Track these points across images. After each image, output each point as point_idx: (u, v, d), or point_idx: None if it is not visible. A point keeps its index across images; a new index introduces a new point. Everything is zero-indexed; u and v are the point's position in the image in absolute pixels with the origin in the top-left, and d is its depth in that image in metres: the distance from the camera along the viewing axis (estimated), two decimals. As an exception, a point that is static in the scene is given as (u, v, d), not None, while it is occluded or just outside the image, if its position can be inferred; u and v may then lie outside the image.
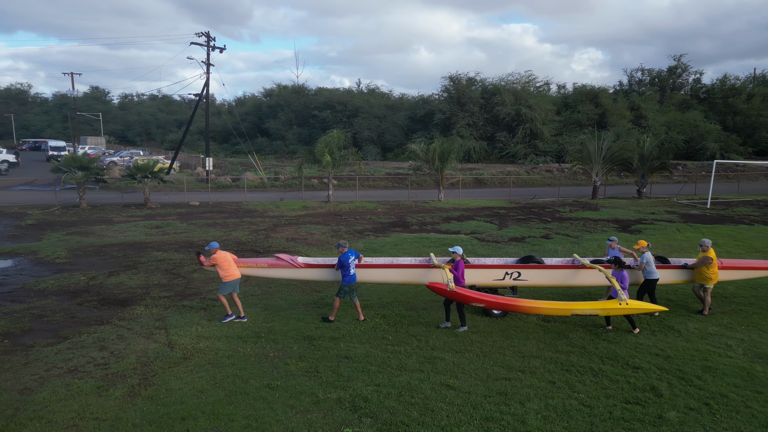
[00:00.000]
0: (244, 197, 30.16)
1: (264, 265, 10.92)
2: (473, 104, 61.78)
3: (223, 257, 10.34)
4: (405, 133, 68.62)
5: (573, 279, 11.10)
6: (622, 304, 9.64)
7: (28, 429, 6.52)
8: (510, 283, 10.99)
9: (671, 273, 11.27)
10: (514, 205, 28.23)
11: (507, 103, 60.08)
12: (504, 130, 61.23)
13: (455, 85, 64.46)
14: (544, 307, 9.87)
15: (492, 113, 61.67)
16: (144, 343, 9.22)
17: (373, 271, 10.93)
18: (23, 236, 18.49)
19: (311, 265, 10.97)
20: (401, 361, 8.58)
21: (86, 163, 23.85)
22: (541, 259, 11.56)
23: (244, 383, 7.78)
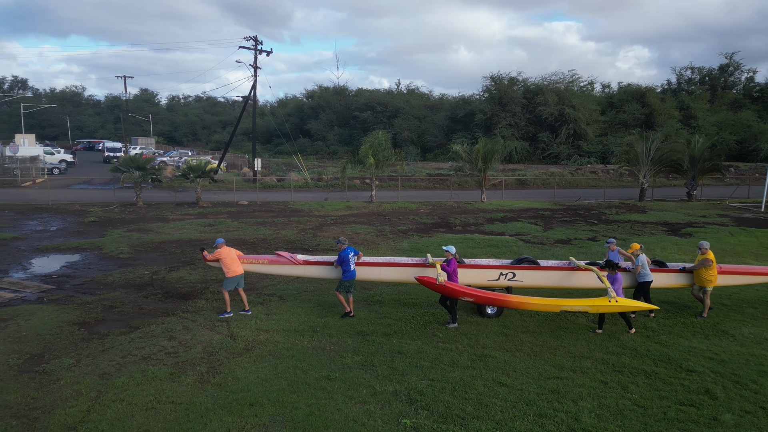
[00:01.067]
0: (290, 197, 30.93)
1: (264, 262, 11.36)
2: (515, 104, 61.21)
3: (227, 253, 10.74)
4: (445, 133, 68.59)
5: (568, 281, 11.18)
6: (611, 302, 9.70)
7: (111, 410, 7.10)
8: (505, 284, 11.13)
9: (670, 276, 11.22)
10: (558, 206, 27.99)
11: (550, 103, 59.28)
12: (546, 131, 60.43)
13: (497, 85, 64.00)
14: (533, 303, 9.97)
15: (534, 113, 60.96)
16: (208, 335, 9.78)
17: (372, 269, 11.23)
18: (87, 232, 19.60)
19: (310, 262, 11.37)
20: (453, 357, 8.84)
21: (143, 164, 25.04)
22: (536, 261, 11.71)
23: (305, 374, 8.20)
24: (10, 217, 22.82)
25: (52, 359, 8.63)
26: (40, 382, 7.89)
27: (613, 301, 9.67)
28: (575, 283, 11.16)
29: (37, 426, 6.71)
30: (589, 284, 11.04)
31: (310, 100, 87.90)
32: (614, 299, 9.68)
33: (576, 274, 11.03)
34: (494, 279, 11.07)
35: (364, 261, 11.21)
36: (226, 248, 10.86)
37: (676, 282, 11.31)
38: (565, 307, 9.86)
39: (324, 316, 10.89)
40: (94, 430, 6.59)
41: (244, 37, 35.22)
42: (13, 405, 7.21)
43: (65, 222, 21.87)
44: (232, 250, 10.97)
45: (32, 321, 10.27)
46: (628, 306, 9.90)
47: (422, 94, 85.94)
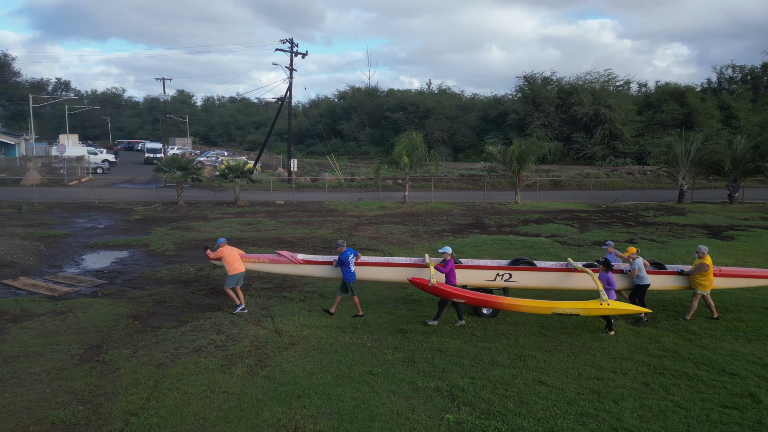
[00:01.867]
0: (324, 197, 31.43)
1: (265, 261, 11.61)
2: (549, 104, 60.55)
3: (229, 252, 11.08)
4: (477, 133, 68.29)
5: (565, 282, 11.12)
6: (603, 305, 9.70)
7: (169, 398, 7.51)
8: (501, 284, 11.16)
9: (668, 279, 11.17)
10: (594, 208, 27.69)
11: (585, 103, 58.43)
12: (581, 131, 59.59)
13: (530, 84, 63.42)
14: (525, 305, 9.99)
15: (569, 113, 60.17)
16: (254, 329, 10.17)
17: (370, 269, 11.41)
18: (133, 230, 20.40)
19: (310, 261, 11.59)
20: (492, 357, 8.99)
21: (184, 164, 25.87)
22: (533, 262, 11.75)
23: (348, 369, 8.48)
24: (60, 214, 23.89)
25: (110, 349, 9.14)
26: (101, 370, 8.38)
27: (605, 303, 9.71)
28: (572, 284, 11.15)
29: (101, 411, 7.16)
30: (585, 286, 10.99)
31: (342, 101, 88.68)
32: (606, 302, 9.72)
33: (573, 275, 11.04)
34: (491, 280, 11.12)
35: (362, 261, 11.42)
36: (228, 247, 11.20)
37: (675, 284, 11.27)
38: (557, 309, 9.91)
39: (364, 313, 11.16)
40: (155, 416, 7.00)
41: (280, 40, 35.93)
42: (78, 392, 7.70)
43: (112, 220, 22.79)
44: (234, 249, 11.31)
45: (89, 313, 10.86)
46: (620, 309, 9.88)
47: (454, 95, 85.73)
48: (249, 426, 6.79)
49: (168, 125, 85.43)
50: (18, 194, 30.32)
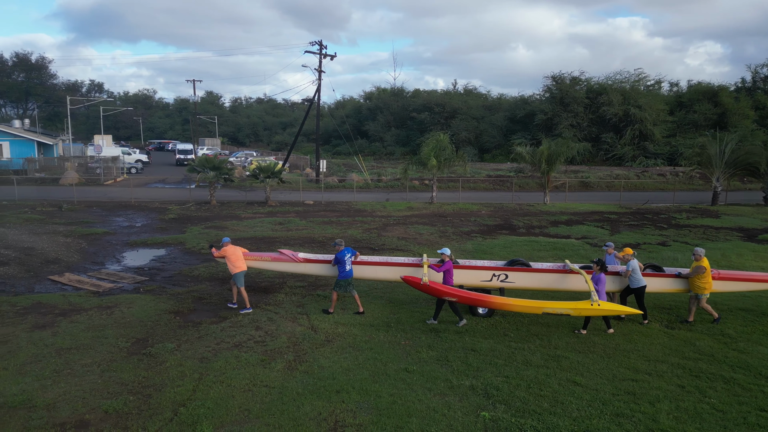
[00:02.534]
0: (352, 197, 31.75)
1: (267, 259, 11.99)
2: (577, 104, 59.91)
3: (232, 251, 11.38)
4: (503, 134, 67.92)
5: (561, 283, 11.21)
6: (593, 305, 9.81)
7: (214, 391, 7.83)
8: (497, 285, 11.29)
9: (665, 282, 11.18)
10: (625, 210, 27.39)
11: (614, 103, 57.66)
12: (610, 131, 58.83)
13: (558, 84, 62.82)
14: (515, 305, 10.16)
15: (598, 113, 59.47)
16: (291, 326, 10.47)
17: (368, 268, 11.67)
18: (169, 229, 21.00)
19: (310, 260, 11.95)
20: (526, 357, 9.10)
21: (217, 164, 26.48)
22: (528, 263, 11.89)
23: (384, 366, 8.70)
24: (98, 213, 24.71)
25: (155, 343, 9.54)
26: (148, 363, 8.76)
27: (595, 304, 9.83)
28: (568, 285, 11.21)
29: (151, 402, 7.51)
30: (581, 287, 11.00)
31: (368, 102, 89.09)
32: (596, 303, 9.82)
33: (569, 277, 11.11)
34: (487, 280, 11.29)
35: (361, 260, 11.66)
36: (232, 246, 11.50)
37: (672, 287, 11.24)
38: (547, 309, 10.05)
39: (396, 312, 11.37)
40: (201, 407, 7.32)
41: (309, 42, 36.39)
42: (128, 383, 8.08)
43: (148, 219, 23.48)
44: (238, 248, 11.63)
45: (133, 309, 11.31)
46: (610, 310, 9.99)
47: (480, 95, 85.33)
48: (291, 419, 7.06)
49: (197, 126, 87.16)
50: (58, 193, 31.41)
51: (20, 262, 15.23)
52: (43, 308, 11.25)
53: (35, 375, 8.19)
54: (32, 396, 7.54)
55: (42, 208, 25.34)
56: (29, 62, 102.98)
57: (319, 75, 36.87)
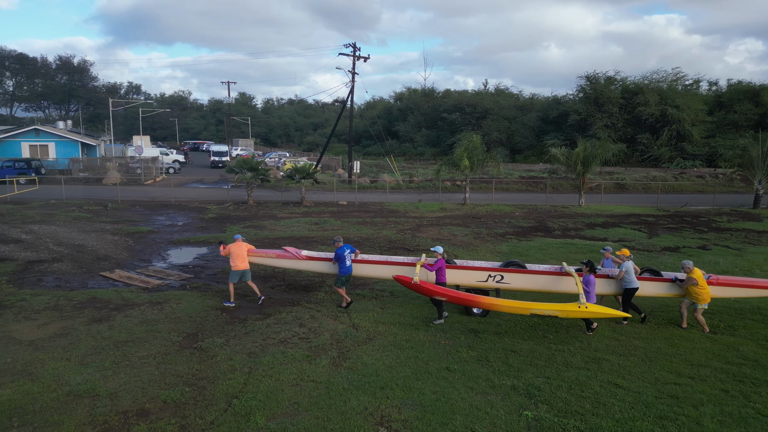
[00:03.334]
0: (384, 198, 32.03)
1: (272, 256, 12.46)
2: (612, 104, 58.97)
3: (236, 249, 11.82)
4: (536, 134, 67.30)
5: (556, 285, 11.27)
6: (581, 307, 9.91)
7: (264, 384, 8.18)
8: (493, 285, 11.42)
9: (661, 286, 11.16)
10: (662, 212, 26.93)
11: (651, 103, 56.53)
12: (646, 132, 57.70)
13: (592, 84, 61.93)
14: (504, 305, 10.34)
15: (633, 114, 58.40)
16: (333, 324, 10.78)
17: (367, 266, 12.01)
18: (209, 228, 21.64)
19: (312, 257, 12.36)
20: (566, 358, 9.19)
21: (254, 165, 27.11)
22: (524, 264, 12.04)
23: (426, 364, 8.91)
24: (141, 212, 25.59)
25: (205, 338, 9.96)
26: (200, 357, 9.17)
27: (582, 306, 9.92)
28: (563, 287, 11.26)
29: (205, 393, 7.90)
30: (575, 289, 10.97)
31: (398, 103, 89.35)
32: (584, 305, 9.91)
33: (563, 279, 11.19)
34: (483, 280, 11.46)
35: (361, 258, 12.01)
36: (238, 244, 11.94)
37: (668, 292, 11.20)
38: (535, 310, 10.15)
39: (434, 312, 11.55)
40: (253, 399, 7.66)
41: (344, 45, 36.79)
42: (182, 374, 8.50)
43: (188, 218, 24.22)
44: (244, 246, 12.02)
45: (182, 305, 11.79)
46: (598, 312, 10.02)
47: (511, 95, 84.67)
48: (339, 413, 7.34)
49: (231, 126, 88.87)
50: (102, 192, 32.61)
51: (73, 259, 15.98)
52: (98, 303, 11.84)
53: (96, 366, 8.69)
54: (95, 385, 8.02)
55: (88, 207, 26.38)
56: (71, 65, 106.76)
57: (352, 77, 37.29)
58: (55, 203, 27.69)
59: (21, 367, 8.60)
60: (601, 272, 11.25)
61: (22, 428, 6.87)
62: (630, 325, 10.81)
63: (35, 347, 9.40)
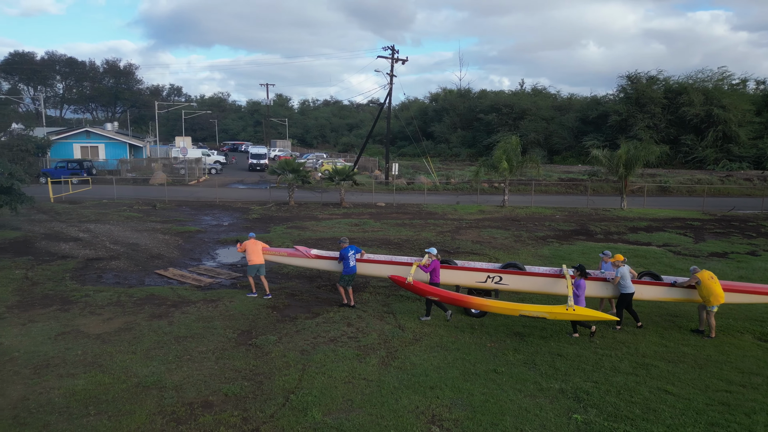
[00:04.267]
0: (422, 199, 32.22)
1: (284, 254, 13.18)
2: (654, 105, 57.58)
3: (251, 245, 12.76)
4: (574, 135, 66.28)
5: (553, 287, 11.41)
6: (569, 310, 10.08)
7: (318, 381, 8.53)
8: (492, 286, 11.63)
9: (660, 290, 11.18)
10: (708, 216, 26.27)
11: (695, 103, 54.95)
12: (690, 133, 56.13)
13: (634, 84, 60.58)
14: (494, 306, 10.68)
15: (677, 114, 56.89)
16: (379, 324, 11.08)
17: (371, 266, 12.48)
18: (254, 228, 22.27)
19: (320, 256, 12.87)
20: (614, 364, 9.24)
21: (296, 167, 27.75)
22: (523, 266, 12.18)
23: (473, 366, 9.11)
24: (188, 212, 26.51)
25: (259, 335, 10.40)
26: (255, 353, 9.60)
27: (570, 309, 10.08)
28: (560, 289, 11.36)
29: (263, 388, 8.30)
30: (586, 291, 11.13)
31: (433, 104, 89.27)
32: (572, 308, 10.06)
33: (560, 281, 11.31)
34: (482, 281, 11.70)
35: (367, 258, 12.49)
36: (252, 241, 12.87)
37: (668, 296, 11.20)
38: (524, 311, 10.39)
39: (479, 315, 11.72)
40: (309, 395, 8.02)
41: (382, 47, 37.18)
42: (240, 370, 8.93)
43: (233, 218, 24.97)
44: (259, 244, 12.93)
45: (235, 303, 12.30)
46: (585, 315, 10.15)
47: (549, 95, 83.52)
48: (391, 410, 7.62)
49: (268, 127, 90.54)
50: (149, 192, 33.86)
51: (129, 257, 16.78)
52: (157, 300, 12.46)
53: (161, 359, 9.21)
54: (161, 378, 8.52)
55: (138, 207, 27.48)
56: (118, 68, 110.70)
57: (390, 79, 37.62)
58: (107, 203, 28.94)
59: (91, 359, 9.20)
60: (597, 275, 11.41)
61: (98, 416, 7.39)
62: (679, 332, 10.76)
63: (102, 341, 10.01)
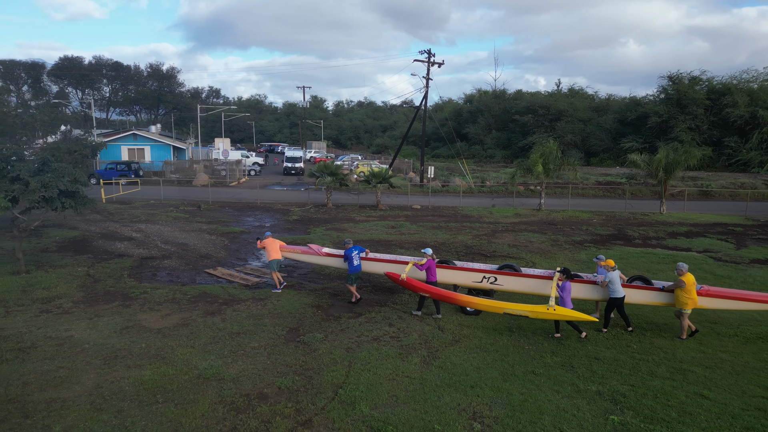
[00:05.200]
0: (457, 202, 32.51)
1: (298, 251, 14.37)
2: (697, 106, 56.23)
3: (270, 243, 14.01)
4: (612, 137, 65.27)
5: (544, 288, 11.85)
6: (549, 310, 10.65)
7: (363, 377, 9.04)
8: (488, 286, 12.30)
9: (648, 294, 11.57)
10: (752, 222, 25.75)
11: (740, 104, 53.44)
12: (734, 135, 54.56)
13: (675, 85, 59.24)
14: (479, 303, 11.49)
15: (720, 116, 55.41)
16: (419, 325, 11.54)
17: (377, 264, 13.40)
18: (295, 229, 23.05)
19: (331, 254, 14.03)
20: (650, 368, 9.47)
21: (334, 170, 28.48)
22: (518, 268, 12.80)
23: (512, 367, 9.48)
24: (231, 213, 27.53)
25: (306, 333, 11.00)
26: (304, 350, 10.20)
27: (551, 309, 10.64)
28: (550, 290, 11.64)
29: (313, 382, 8.87)
30: (576, 294, 11.68)
31: (468, 105, 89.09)
32: (552, 308, 10.63)
33: (551, 282, 11.66)
34: (478, 281, 12.43)
35: (372, 256, 13.49)
36: (271, 239, 14.14)
37: (657, 300, 11.53)
38: (508, 309, 11.13)
39: (517, 319, 12.04)
40: (356, 390, 8.54)
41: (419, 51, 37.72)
42: (291, 365, 9.53)
43: (274, 219, 25.83)
44: (276, 242, 14.19)
45: (282, 302, 12.96)
46: (564, 315, 10.63)
47: (586, 95, 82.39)
48: (434, 407, 8.07)
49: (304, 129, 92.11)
50: (193, 193, 35.18)
51: (179, 256, 17.70)
52: (209, 297, 13.23)
53: (217, 354, 9.90)
54: (219, 370, 9.19)
55: (184, 207, 28.67)
56: (161, 72, 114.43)
57: (426, 83, 38.02)
58: (154, 203, 30.27)
59: (155, 352, 9.95)
60: (589, 278, 11.86)
61: (165, 404, 8.09)
62: (717, 339, 10.87)
63: (163, 335, 10.78)
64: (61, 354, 9.81)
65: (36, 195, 13.23)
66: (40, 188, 13.29)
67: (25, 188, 13.31)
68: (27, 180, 13.39)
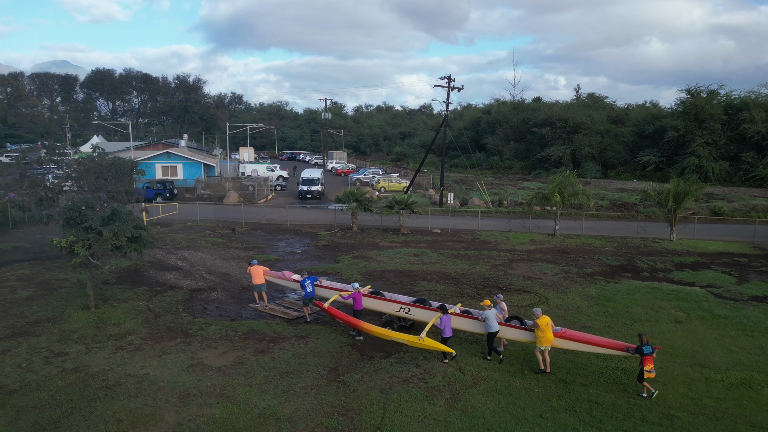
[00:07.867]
0: (476, 224, 34.00)
1: (277, 276, 17.95)
2: (714, 121, 56.98)
3: (254, 270, 17.41)
4: (630, 149, 66.11)
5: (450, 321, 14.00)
6: (420, 340, 13.26)
7: (397, 419, 10.75)
8: (404, 315, 15.16)
9: (517, 332, 13.60)
10: (758, 252, 26.85)
11: (756, 120, 54.03)
12: (751, 150, 55.17)
13: (693, 99, 59.91)
14: (374, 331, 14.29)
15: (737, 131, 56.03)
16: (443, 366, 13.22)
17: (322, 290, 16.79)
18: (324, 257, 24.87)
19: (296, 280, 17.28)
20: (643, 413, 11.03)
21: (359, 197, 30.31)
22: (429, 302, 15.34)
23: (522, 411, 11.12)
24: (263, 237, 29.49)
25: (344, 373, 12.76)
26: (344, 390, 11.95)
27: (421, 340, 13.23)
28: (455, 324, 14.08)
29: (355, 423, 10.62)
30: (462, 326, 14.25)
31: (486, 115, 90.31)
32: (422, 339, 13.20)
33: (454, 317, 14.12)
34: (397, 311, 15.30)
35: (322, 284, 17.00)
36: (256, 267, 17.52)
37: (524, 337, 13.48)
38: (393, 337, 13.90)
39: (529, 360, 13.65)
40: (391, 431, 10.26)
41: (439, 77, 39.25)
42: (335, 405, 11.29)
43: (303, 244, 27.71)
44: (260, 268, 17.57)
45: (321, 340, 14.74)
46: (430, 346, 13.22)
47: (605, 105, 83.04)
48: (457, 448, 9.76)
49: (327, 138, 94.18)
50: (225, 213, 37.30)
51: (224, 288, 19.63)
52: (257, 335, 15.07)
53: (272, 393, 11.71)
54: (276, 410, 10.99)
55: (220, 231, 30.70)
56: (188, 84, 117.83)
57: (446, 107, 39.66)
58: (191, 225, 32.38)
59: (219, 391, 11.80)
60: (474, 314, 14.22)
61: (236, 441, 9.90)
62: (704, 384, 12.33)
63: (223, 374, 12.63)
64: (143, 392, 11.72)
65: (108, 244, 15.20)
66: (112, 237, 15.26)
67: (98, 237, 15.28)
68: (99, 230, 15.38)
